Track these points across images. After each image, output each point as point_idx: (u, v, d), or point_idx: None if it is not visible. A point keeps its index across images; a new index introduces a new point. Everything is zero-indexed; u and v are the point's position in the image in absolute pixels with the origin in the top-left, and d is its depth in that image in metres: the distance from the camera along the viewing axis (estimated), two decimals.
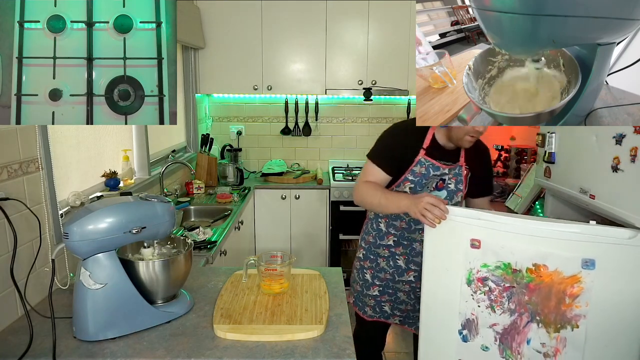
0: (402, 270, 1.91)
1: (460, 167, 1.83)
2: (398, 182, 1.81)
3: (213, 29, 3.35)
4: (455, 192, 1.84)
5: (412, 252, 1.89)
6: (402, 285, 1.92)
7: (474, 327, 1.55)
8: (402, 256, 1.90)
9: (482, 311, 1.53)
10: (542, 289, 1.44)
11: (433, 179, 1.80)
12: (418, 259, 1.87)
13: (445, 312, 1.58)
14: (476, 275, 1.53)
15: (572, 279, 1.40)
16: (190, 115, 3.46)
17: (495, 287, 1.51)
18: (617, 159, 1.46)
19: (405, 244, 1.89)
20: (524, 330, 1.48)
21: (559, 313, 1.42)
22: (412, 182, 1.80)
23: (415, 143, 1.80)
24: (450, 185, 1.83)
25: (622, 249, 1.34)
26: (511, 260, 1.47)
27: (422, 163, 1.78)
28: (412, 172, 1.79)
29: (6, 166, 1.33)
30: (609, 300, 1.37)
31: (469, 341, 1.57)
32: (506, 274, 1.49)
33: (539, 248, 1.42)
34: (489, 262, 1.50)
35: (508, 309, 1.50)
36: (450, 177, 1.82)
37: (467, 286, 1.54)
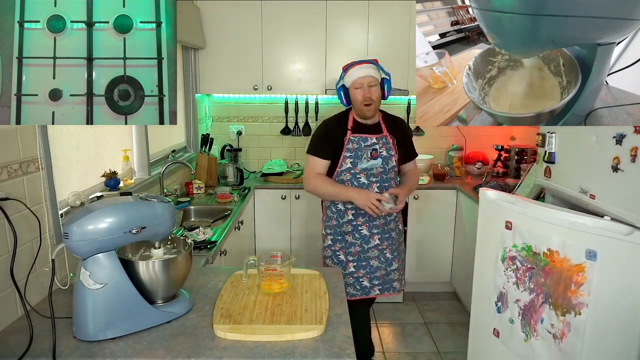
0: (367, 237, 2.23)
1: (386, 136, 2.22)
2: (339, 161, 2.19)
3: (213, 29, 3.35)
4: (389, 158, 2.21)
5: (371, 218, 2.20)
6: (371, 251, 2.24)
7: (505, 301, 1.75)
8: (364, 225, 2.23)
9: (510, 286, 1.71)
10: (554, 273, 1.54)
11: (366, 150, 2.17)
12: (377, 221, 2.22)
13: (486, 285, 1.84)
14: (508, 253, 1.72)
15: (577, 267, 1.47)
16: (190, 115, 3.46)
17: (520, 267, 1.67)
18: (617, 159, 1.46)
19: (363, 213, 2.20)
20: (539, 310, 1.59)
21: (566, 298, 1.50)
22: (349, 157, 2.17)
23: (342, 128, 2.20)
24: (383, 152, 2.19)
25: (621, 244, 1.37)
26: (532, 244, 1.61)
27: (352, 140, 2.18)
28: (348, 150, 2.18)
29: (6, 166, 1.33)
30: (607, 293, 1.42)
31: (502, 313, 1.77)
32: (529, 255, 1.63)
33: (553, 235, 1.55)
34: (518, 243, 1.68)
35: (528, 287, 1.64)
36: (380, 146, 2.19)
37: (502, 263, 1.76)
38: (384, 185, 2.20)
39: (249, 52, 3.38)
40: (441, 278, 3.58)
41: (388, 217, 2.23)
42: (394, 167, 2.22)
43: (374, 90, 2.12)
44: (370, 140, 2.18)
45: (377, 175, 2.19)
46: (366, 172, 2.17)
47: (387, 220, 2.24)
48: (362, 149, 2.17)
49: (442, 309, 3.41)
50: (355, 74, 2.12)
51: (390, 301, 3.48)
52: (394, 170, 2.23)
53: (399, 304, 3.47)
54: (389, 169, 2.20)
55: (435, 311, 3.37)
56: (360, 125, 2.21)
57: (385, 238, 2.25)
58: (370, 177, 2.18)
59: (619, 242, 1.37)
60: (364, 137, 2.18)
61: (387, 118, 2.29)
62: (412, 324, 3.19)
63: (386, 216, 2.21)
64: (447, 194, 3.42)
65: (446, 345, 2.92)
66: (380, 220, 2.21)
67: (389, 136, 2.22)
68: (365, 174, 2.18)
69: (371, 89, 2.11)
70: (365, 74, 2.11)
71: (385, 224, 2.24)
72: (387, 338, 3.02)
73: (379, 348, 2.89)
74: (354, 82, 2.13)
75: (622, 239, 1.37)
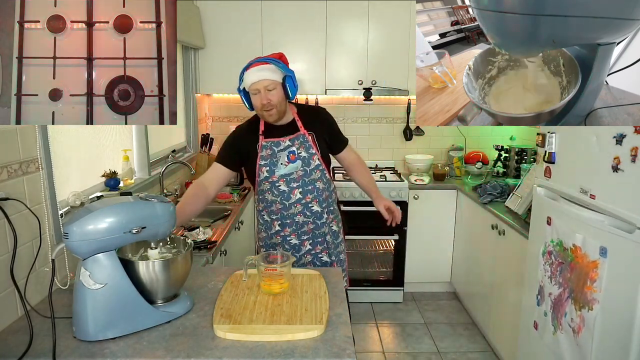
0: (297, 245, 2.07)
1: (303, 135, 2.00)
2: (256, 171, 2.00)
3: (213, 29, 3.34)
4: (310, 158, 2.00)
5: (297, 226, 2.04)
6: (304, 258, 2.08)
7: (543, 294, 1.82)
8: (292, 234, 2.06)
9: (546, 280, 1.79)
10: (577, 268, 1.60)
11: (281, 155, 1.98)
12: (305, 228, 2.05)
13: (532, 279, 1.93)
14: (548, 248, 1.80)
15: (593, 264, 1.53)
16: (190, 115, 3.46)
17: (554, 261, 1.74)
18: (618, 159, 1.46)
19: (289, 222, 2.04)
20: (564, 304, 1.66)
21: (583, 293, 1.55)
22: (265, 165, 1.98)
23: (254, 133, 2.02)
24: (302, 153, 1.99)
25: (625, 243, 1.39)
26: (563, 239, 1.69)
27: (265, 146, 1.98)
28: (262, 157, 1.98)
29: (6, 166, 1.33)
30: (615, 290, 1.44)
31: (540, 306, 1.85)
32: (560, 250, 1.70)
33: (577, 231, 1.62)
34: (554, 238, 1.75)
35: (558, 282, 1.71)
36: (298, 147, 1.99)
37: (542, 257, 1.84)
38: (307, 189, 1.99)
39: (249, 52, 3.37)
40: (441, 278, 3.58)
41: (318, 221, 2.04)
42: (318, 167, 2.00)
43: (274, 94, 1.87)
44: (284, 144, 1.97)
45: (297, 179, 1.98)
46: (285, 178, 1.98)
47: (318, 224, 2.05)
48: (277, 154, 1.97)
49: (442, 309, 3.41)
50: (250, 79, 1.87)
51: (390, 301, 3.49)
52: (319, 170, 2.01)
53: (399, 304, 3.47)
54: (310, 170, 1.99)
55: (435, 311, 3.37)
56: (273, 127, 2.00)
57: (319, 242, 2.07)
58: (290, 182, 1.98)
59: (624, 240, 1.39)
60: (276, 140, 1.97)
61: (303, 112, 2.07)
62: (412, 324, 3.19)
63: (315, 220, 2.03)
64: (447, 194, 3.42)
65: (446, 345, 2.92)
66: (309, 225, 2.04)
67: (306, 134, 2.00)
68: (284, 180, 1.98)
69: (269, 93, 1.87)
70: (259, 78, 1.85)
71: (315, 228, 2.05)
72: (387, 338, 3.02)
73: (379, 348, 2.89)
74: (250, 87, 1.88)
75: (626, 237, 1.38)
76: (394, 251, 3.45)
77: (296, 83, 1.93)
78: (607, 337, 1.47)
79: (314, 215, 2.04)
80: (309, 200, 2.01)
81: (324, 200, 2.05)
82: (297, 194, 2.00)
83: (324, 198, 2.05)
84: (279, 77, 1.89)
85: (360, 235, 3.38)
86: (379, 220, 2.16)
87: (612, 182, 1.49)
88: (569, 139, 1.76)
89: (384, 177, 3.43)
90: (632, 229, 1.37)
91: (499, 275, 2.66)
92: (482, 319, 3.00)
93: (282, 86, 1.89)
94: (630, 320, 1.38)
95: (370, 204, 2.18)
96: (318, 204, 2.03)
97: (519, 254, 2.28)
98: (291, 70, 1.93)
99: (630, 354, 1.39)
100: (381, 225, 2.22)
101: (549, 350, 1.76)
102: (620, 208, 1.45)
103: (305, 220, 2.03)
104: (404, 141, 3.86)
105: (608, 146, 1.51)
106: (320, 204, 2.03)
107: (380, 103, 3.80)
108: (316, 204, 2.03)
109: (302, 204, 2.01)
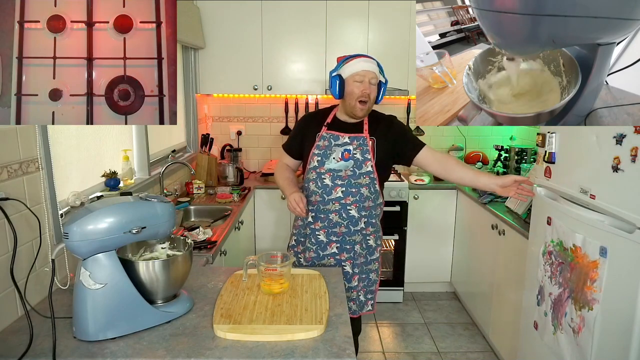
0: (324, 244, 2.00)
1: (364, 138, 1.97)
2: (308, 158, 2.01)
3: (213, 29, 3.34)
4: (363, 162, 1.95)
5: (329, 224, 1.99)
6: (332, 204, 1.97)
7: (543, 294, 1.82)
8: (321, 230, 2.00)
9: (546, 280, 1.79)
10: (577, 268, 1.60)
11: (336, 150, 1.96)
12: (336, 229, 1.98)
13: (532, 279, 1.93)
14: (548, 248, 1.79)
15: (593, 264, 1.53)
16: (190, 115, 3.46)
17: (554, 261, 1.74)
18: (618, 159, 1.46)
19: (322, 217, 2.00)
20: (564, 304, 1.66)
21: (583, 293, 1.55)
22: (317, 154, 1.98)
23: (320, 123, 2.02)
24: (357, 154, 1.95)
25: (625, 243, 1.39)
26: (563, 239, 1.69)
27: (324, 137, 1.99)
28: (317, 147, 1.98)
29: (6, 166, 1.33)
30: (615, 290, 1.44)
31: (540, 306, 1.84)
32: (561, 251, 1.70)
33: (577, 231, 1.61)
34: (554, 238, 1.75)
35: (558, 282, 1.71)
36: (355, 147, 1.95)
37: (542, 257, 1.84)
38: (351, 191, 1.93)
39: (249, 52, 3.38)
40: (441, 278, 3.58)
41: (352, 227, 1.96)
42: (368, 173, 1.94)
43: (374, 89, 1.92)
44: (343, 139, 1.95)
45: (344, 178, 1.93)
46: (332, 173, 1.94)
47: (351, 230, 1.97)
48: (332, 147, 1.95)
49: (442, 309, 3.41)
50: (359, 66, 1.88)
51: (390, 301, 3.48)
52: (369, 176, 1.94)
53: (399, 304, 3.47)
54: (360, 173, 1.93)
55: (435, 311, 3.37)
56: (339, 122, 2.01)
57: (346, 249, 1.99)
58: (335, 179, 1.94)
59: (624, 240, 1.39)
60: (336, 134, 1.97)
61: (374, 118, 2.03)
62: (412, 324, 3.19)
63: (349, 225, 1.96)
64: (447, 194, 3.42)
65: (446, 345, 2.92)
66: (341, 228, 1.97)
67: (368, 138, 1.96)
68: (331, 174, 1.94)
69: (372, 87, 1.90)
70: (369, 69, 1.89)
71: (347, 233, 1.97)
72: (387, 338, 3.02)
73: (379, 348, 2.89)
74: (354, 74, 1.89)
75: (626, 237, 1.38)
76: (394, 251, 3.45)
77: (385, 92, 1.99)
78: (607, 337, 1.47)
79: (349, 220, 1.97)
80: (348, 202, 1.95)
81: (365, 209, 1.97)
82: (339, 192, 1.95)
83: (366, 206, 1.97)
84: (379, 79, 1.94)
85: None
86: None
87: (612, 182, 1.49)
88: (569, 139, 1.76)
89: None
90: (632, 229, 1.37)
91: (499, 275, 2.66)
92: (482, 319, 3.00)
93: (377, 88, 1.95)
94: (630, 320, 1.38)
95: None
96: (357, 209, 1.96)
97: (519, 254, 2.28)
98: (386, 79, 1.99)
99: (630, 354, 1.39)
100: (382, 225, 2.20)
101: (549, 350, 1.77)
102: (620, 208, 1.45)
103: (338, 221, 1.97)
104: None
105: (608, 146, 1.51)
106: (359, 210, 1.96)
107: (380, 103, 3.79)
108: (355, 209, 1.96)
109: (340, 204, 1.95)
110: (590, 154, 1.61)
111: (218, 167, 3.45)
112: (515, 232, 2.39)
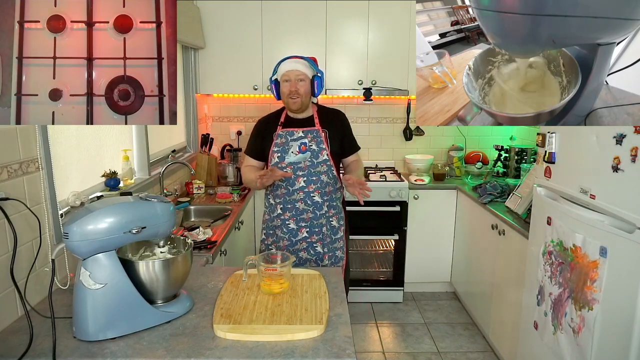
0: (294, 230, 2.21)
1: (317, 130, 2.19)
2: (269, 157, 2.21)
3: (213, 29, 3.34)
4: (319, 152, 2.17)
5: (297, 212, 2.20)
6: (297, 194, 2.18)
7: (543, 294, 1.83)
8: (291, 219, 2.21)
9: (546, 280, 1.80)
10: (577, 268, 1.60)
11: (293, 144, 2.17)
12: (304, 215, 2.20)
13: (532, 279, 1.94)
14: (548, 248, 1.80)
15: (593, 264, 1.54)
16: (190, 115, 3.46)
17: (554, 261, 1.74)
18: (618, 159, 1.46)
19: (289, 207, 2.20)
20: (564, 304, 1.66)
21: (583, 293, 1.55)
22: (277, 151, 2.18)
23: (274, 124, 2.23)
24: (312, 146, 2.17)
25: (626, 243, 1.39)
26: (563, 239, 1.70)
27: (280, 135, 2.19)
28: (276, 144, 2.19)
29: (6, 166, 1.33)
30: (615, 290, 1.44)
31: (540, 305, 1.85)
32: (561, 251, 1.71)
33: (577, 231, 1.62)
34: (554, 238, 1.75)
35: (558, 282, 1.71)
36: (310, 140, 2.18)
37: (542, 257, 1.85)
38: (312, 179, 2.16)
39: (249, 52, 3.38)
40: (441, 278, 3.58)
41: (317, 212, 2.19)
42: (325, 161, 2.17)
43: (302, 85, 2.12)
44: (297, 134, 2.17)
45: (304, 169, 2.15)
46: (293, 166, 2.16)
47: (317, 214, 2.20)
48: (289, 142, 2.17)
49: (442, 309, 3.41)
50: (284, 67, 2.12)
51: (390, 301, 3.49)
52: (326, 164, 2.17)
53: (399, 304, 3.47)
54: (318, 162, 2.16)
55: (435, 311, 3.37)
56: (292, 120, 2.22)
57: (315, 232, 2.21)
58: (297, 171, 2.16)
59: (624, 240, 1.39)
60: (291, 130, 2.18)
61: (323, 112, 2.26)
62: (412, 324, 3.19)
63: (315, 210, 2.18)
64: (447, 194, 3.42)
65: (446, 345, 2.92)
66: (308, 214, 2.19)
67: (320, 130, 2.19)
68: (292, 167, 2.16)
69: (299, 83, 2.11)
70: (293, 68, 2.10)
71: (314, 218, 2.20)
72: (387, 338, 3.02)
73: (379, 348, 2.89)
74: (282, 75, 2.13)
75: (626, 237, 1.38)
76: (394, 251, 3.44)
77: (323, 84, 2.17)
78: (607, 337, 1.47)
79: (314, 205, 2.19)
80: (311, 190, 2.17)
81: (327, 194, 2.19)
82: (301, 182, 2.16)
83: (327, 192, 2.19)
84: (310, 74, 2.15)
85: (360, 235, 3.37)
86: (379, 220, 2.17)
87: (612, 182, 1.49)
88: (569, 139, 1.76)
89: (384, 177, 3.42)
90: (632, 229, 1.37)
91: (499, 275, 2.66)
92: (482, 319, 3.00)
93: (311, 83, 2.14)
94: (630, 320, 1.38)
95: (371, 203, 2.18)
96: (320, 195, 2.18)
97: (519, 254, 2.28)
98: (321, 72, 2.18)
99: (630, 354, 1.39)
100: (382, 225, 2.22)
101: (549, 350, 1.77)
102: (620, 208, 1.45)
103: (305, 208, 2.18)
104: (404, 141, 3.86)
105: (608, 146, 1.51)
106: (322, 196, 2.18)
107: (380, 103, 3.80)
108: (318, 195, 2.18)
109: (304, 192, 2.17)
110: (590, 154, 1.61)
111: (218, 167, 3.45)
112: (515, 232, 2.39)
